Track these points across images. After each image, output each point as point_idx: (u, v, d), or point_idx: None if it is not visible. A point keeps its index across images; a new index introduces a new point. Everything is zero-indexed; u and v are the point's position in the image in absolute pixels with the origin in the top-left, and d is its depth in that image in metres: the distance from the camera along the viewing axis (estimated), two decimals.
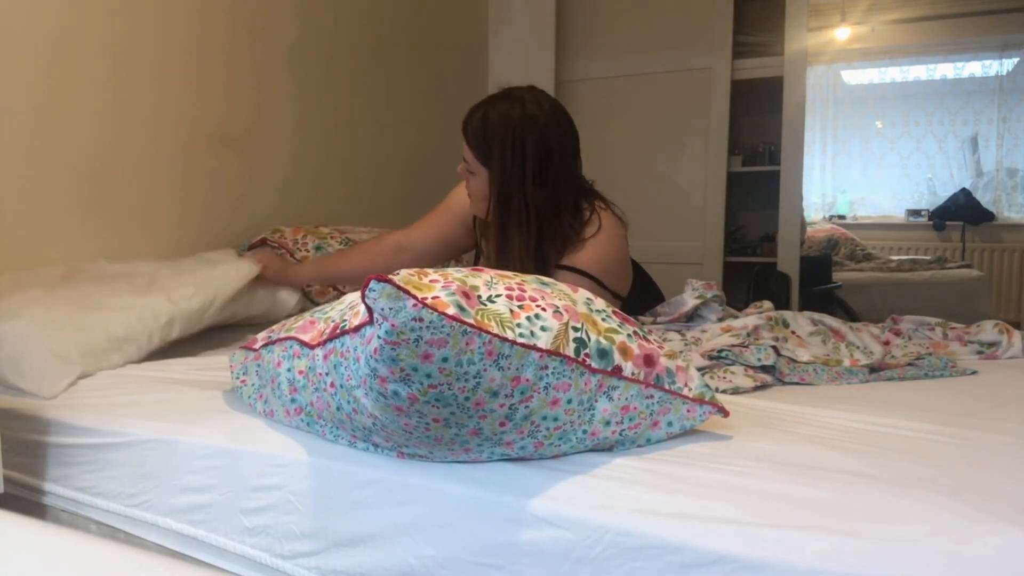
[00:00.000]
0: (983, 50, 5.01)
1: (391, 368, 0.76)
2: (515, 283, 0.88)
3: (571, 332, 0.84)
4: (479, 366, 0.77)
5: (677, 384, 0.92)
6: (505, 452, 0.88)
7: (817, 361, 1.31)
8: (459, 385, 0.77)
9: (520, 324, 0.80)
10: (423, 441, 0.86)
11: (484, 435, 0.84)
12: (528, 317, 0.81)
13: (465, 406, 0.79)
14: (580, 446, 0.89)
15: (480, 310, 0.79)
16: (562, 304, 0.87)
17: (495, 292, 0.83)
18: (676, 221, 3.35)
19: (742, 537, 0.73)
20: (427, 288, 0.77)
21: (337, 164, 2.45)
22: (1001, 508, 0.74)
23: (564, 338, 0.82)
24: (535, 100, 1.38)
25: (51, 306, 1.38)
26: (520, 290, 0.86)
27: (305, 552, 0.96)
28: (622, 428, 0.89)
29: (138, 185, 1.83)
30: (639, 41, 3.42)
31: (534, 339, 0.80)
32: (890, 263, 4.49)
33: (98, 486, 1.13)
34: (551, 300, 0.87)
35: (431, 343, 0.74)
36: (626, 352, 0.88)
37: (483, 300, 0.81)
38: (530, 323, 0.81)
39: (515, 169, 1.36)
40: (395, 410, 0.81)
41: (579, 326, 0.86)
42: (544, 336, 0.81)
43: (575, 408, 0.85)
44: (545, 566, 0.81)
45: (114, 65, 1.75)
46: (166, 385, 1.27)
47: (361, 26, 2.55)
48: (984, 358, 1.45)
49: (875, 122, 5.36)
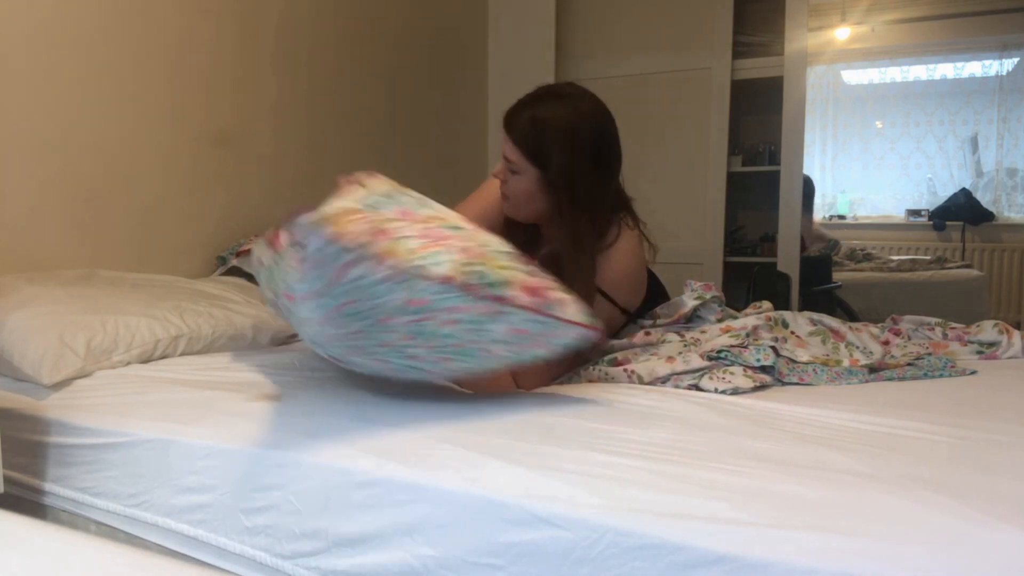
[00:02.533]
0: (983, 50, 5.00)
1: (313, 286, 0.91)
2: (433, 227, 1.01)
3: (470, 266, 0.95)
4: (385, 287, 0.90)
5: (561, 311, 1.01)
6: (413, 364, 1.01)
7: (816, 361, 1.31)
8: (369, 304, 0.91)
9: (425, 256, 0.92)
10: (347, 350, 1.02)
11: (394, 347, 0.97)
12: (433, 252, 0.93)
13: (375, 321, 0.94)
14: (481, 363, 1.02)
15: (391, 241, 0.91)
16: (468, 244, 0.99)
17: (410, 233, 0.95)
18: (676, 221, 3.35)
19: (742, 537, 0.73)
20: (346, 223, 0.89)
21: (336, 164, 2.45)
22: (1001, 508, 0.74)
23: (462, 269, 0.94)
24: (582, 95, 1.37)
25: (64, 299, 1.42)
26: (436, 232, 0.99)
27: (305, 552, 0.96)
28: (513, 348, 1.01)
29: (138, 185, 1.83)
30: (639, 41, 3.42)
31: (436, 267, 0.92)
32: (890, 263, 4.48)
33: (98, 486, 1.13)
34: (458, 242, 0.98)
35: (345, 265, 0.88)
36: (518, 284, 0.98)
37: (396, 237, 0.93)
38: (433, 256, 0.93)
39: (578, 165, 1.33)
40: (324, 321, 0.96)
41: (477, 261, 0.97)
42: (444, 266, 0.93)
43: (472, 328, 0.97)
44: (545, 566, 0.81)
45: (114, 65, 1.75)
46: (166, 385, 1.27)
47: (360, 26, 2.55)
48: (984, 358, 1.45)
49: (875, 122, 5.36)
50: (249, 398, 1.17)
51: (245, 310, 1.64)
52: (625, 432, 0.99)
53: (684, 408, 1.11)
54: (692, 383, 1.22)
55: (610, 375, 1.27)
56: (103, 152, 1.75)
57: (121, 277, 1.70)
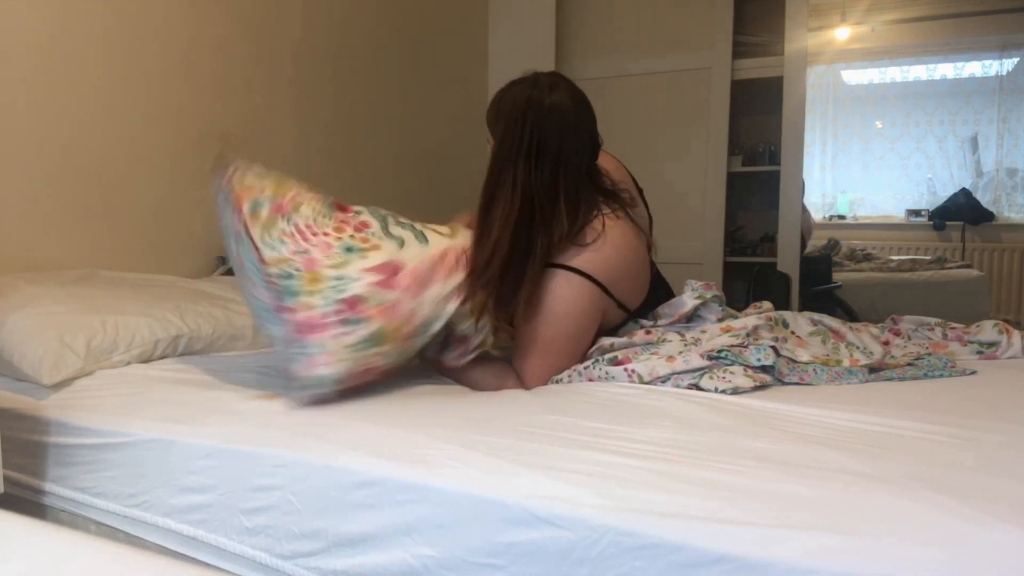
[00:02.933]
0: (983, 50, 5.00)
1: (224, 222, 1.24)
2: (314, 231, 1.20)
3: (288, 272, 1.15)
4: (243, 239, 1.18)
5: (301, 354, 1.16)
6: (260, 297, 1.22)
7: (817, 361, 1.31)
8: (235, 249, 1.22)
9: (271, 236, 1.16)
10: (242, 283, 1.25)
11: (250, 279, 1.20)
12: (279, 239, 1.16)
13: (241, 262, 1.21)
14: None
15: (267, 219, 1.17)
16: (320, 258, 1.17)
17: (292, 223, 1.19)
18: (676, 221, 3.35)
19: (742, 537, 0.73)
20: (247, 190, 1.20)
21: (336, 164, 2.45)
22: (1001, 508, 0.74)
23: (280, 267, 1.14)
24: (550, 84, 1.37)
25: (64, 300, 1.42)
26: (314, 230, 1.20)
27: (305, 552, 0.96)
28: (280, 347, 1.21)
29: (138, 185, 1.83)
30: (639, 41, 3.42)
31: (266, 247, 1.15)
32: (890, 263, 4.48)
33: (98, 486, 1.13)
34: (318, 250, 1.17)
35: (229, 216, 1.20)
36: (303, 312, 1.14)
37: (284, 216, 1.19)
38: (275, 241, 1.16)
39: (512, 145, 1.34)
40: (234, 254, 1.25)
41: (304, 270, 1.15)
42: (273, 253, 1.15)
43: (259, 307, 1.21)
44: (545, 566, 0.81)
45: (114, 65, 1.75)
46: (166, 385, 1.27)
47: (361, 26, 2.55)
48: (984, 358, 1.45)
49: (875, 122, 5.36)
50: (249, 398, 1.17)
51: (245, 310, 1.64)
52: (625, 432, 0.99)
53: (684, 408, 1.11)
54: (692, 382, 1.22)
55: (610, 374, 1.27)
56: (104, 152, 1.75)
57: (121, 277, 1.70)
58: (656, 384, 1.23)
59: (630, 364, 1.28)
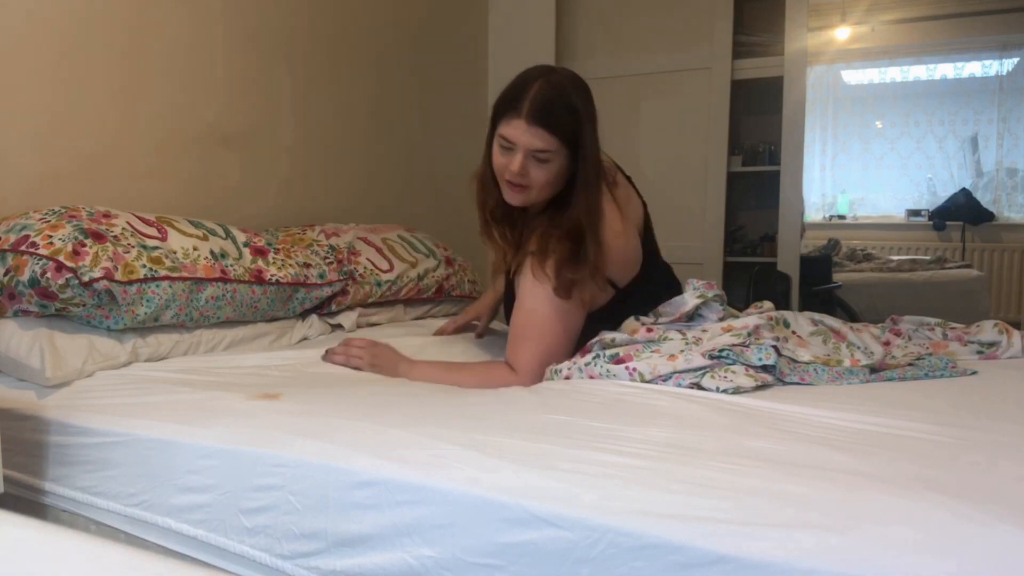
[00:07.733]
0: (983, 50, 5.01)
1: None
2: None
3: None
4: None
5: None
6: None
7: (817, 361, 1.31)
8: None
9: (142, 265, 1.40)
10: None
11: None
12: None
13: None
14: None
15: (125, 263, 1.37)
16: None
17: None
18: (676, 221, 3.34)
19: (742, 537, 0.73)
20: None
21: (336, 164, 2.45)
22: (1001, 508, 0.74)
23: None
24: (562, 70, 1.44)
25: None
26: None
27: (305, 552, 0.96)
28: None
29: (139, 186, 1.83)
30: (639, 41, 3.42)
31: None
32: (890, 263, 4.49)
33: (98, 486, 1.13)
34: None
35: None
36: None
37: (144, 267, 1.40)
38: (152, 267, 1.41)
39: (595, 134, 1.40)
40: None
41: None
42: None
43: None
44: (545, 566, 0.81)
45: (114, 65, 1.75)
46: (166, 385, 1.27)
47: (360, 26, 2.55)
48: (984, 358, 1.45)
49: (875, 122, 5.36)
50: (249, 398, 1.17)
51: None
52: (626, 431, 0.99)
53: (685, 407, 1.11)
54: (694, 382, 1.22)
55: (612, 372, 1.27)
56: (103, 153, 1.75)
57: None
58: (657, 382, 1.23)
59: (631, 362, 1.28)
